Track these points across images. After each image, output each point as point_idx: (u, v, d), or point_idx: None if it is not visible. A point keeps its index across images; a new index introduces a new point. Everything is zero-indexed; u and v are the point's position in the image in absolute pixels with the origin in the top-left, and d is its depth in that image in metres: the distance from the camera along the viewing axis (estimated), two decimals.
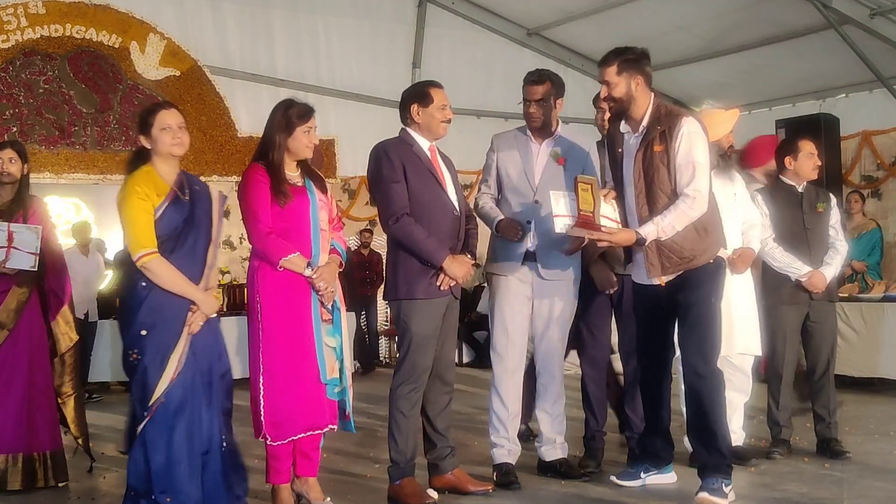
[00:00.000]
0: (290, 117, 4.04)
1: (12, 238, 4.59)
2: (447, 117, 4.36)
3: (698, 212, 4.01)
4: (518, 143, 4.66)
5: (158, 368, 3.64)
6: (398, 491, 4.25)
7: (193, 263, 3.77)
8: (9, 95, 10.28)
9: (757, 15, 10.04)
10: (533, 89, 4.61)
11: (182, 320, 3.70)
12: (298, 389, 3.92)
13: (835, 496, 4.20)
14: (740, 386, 4.96)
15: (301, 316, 3.96)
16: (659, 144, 4.02)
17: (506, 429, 4.59)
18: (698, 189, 3.99)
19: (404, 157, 4.28)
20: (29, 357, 4.71)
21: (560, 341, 4.70)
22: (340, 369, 4.06)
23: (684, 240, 4.04)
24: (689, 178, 3.99)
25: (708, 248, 4.10)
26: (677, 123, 4.01)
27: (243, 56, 11.37)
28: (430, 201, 4.27)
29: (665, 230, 4.01)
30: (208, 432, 3.76)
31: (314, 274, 3.94)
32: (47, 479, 4.72)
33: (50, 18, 10.44)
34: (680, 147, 4.01)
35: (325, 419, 4.00)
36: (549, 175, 4.58)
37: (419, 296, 4.23)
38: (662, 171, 4.03)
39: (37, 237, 4.65)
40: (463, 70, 11.60)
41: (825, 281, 5.05)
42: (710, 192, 4.07)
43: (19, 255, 4.61)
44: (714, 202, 4.16)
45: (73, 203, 10.57)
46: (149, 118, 3.80)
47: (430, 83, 4.42)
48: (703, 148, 4.06)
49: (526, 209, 4.56)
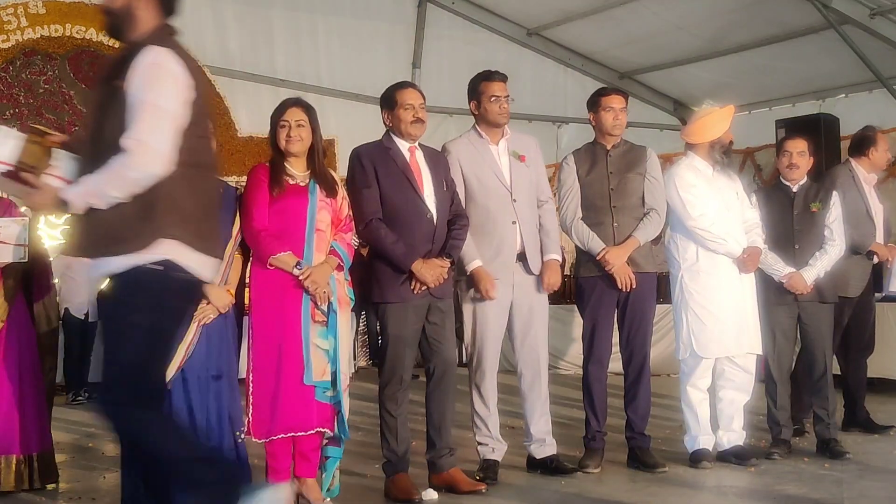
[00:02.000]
0: (272, 114, 4.13)
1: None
2: (415, 117, 4.35)
3: (139, 172, 2.81)
4: (477, 146, 4.67)
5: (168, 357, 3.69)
6: (390, 486, 4.33)
7: None
8: (9, 95, 10.28)
9: (757, 15, 10.04)
10: (504, 86, 4.69)
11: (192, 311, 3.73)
12: (282, 389, 3.93)
13: (835, 496, 4.20)
14: (742, 385, 4.95)
15: (289, 315, 3.98)
16: (120, 79, 2.89)
17: (487, 427, 4.62)
18: (142, 140, 2.79)
19: (378, 161, 4.33)
20: (18, 357, 4.69)
21: (543, 340, 4.73)
22: (335, 372, 4.05)
23: (113, 215, 2.85)
24: (132, 123, 2.83)
25: (142, 233, 2.83)
26: (139, 52, 2.90)
27: (243, 56, 11.36)
28: (403, 205, 4.30)
29: (89, 195, 2.85)
30: (217, 426, 3.81)
31: (302, 274, 3.95)
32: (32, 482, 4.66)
33: (50, 18, 10.44)
34: (132, 82, 2.86)
35: (313, 421, 3.99)
36: (517, 173, 4.65)
37: (391, 299, 4.29)
38: (115, 115, 2.86)
39: (24, 228, 4.64)
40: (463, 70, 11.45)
41: (805, 282, 5.03)
42: (169, 152, 2.83)
43: (6, 248, 4.61)
44: (186, 173, 2.92)
45: None
46: None
47: (397, 85, 4.46)
48: (165, 87, 2.86)
49: (509, 210, 4.59)
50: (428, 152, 4.48)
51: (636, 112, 10.09)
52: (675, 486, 4.49)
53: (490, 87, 4.67)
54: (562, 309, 7.67)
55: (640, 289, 4.78)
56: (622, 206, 4.82)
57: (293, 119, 4.09)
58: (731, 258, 4.87)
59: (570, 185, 4.85)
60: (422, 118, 4.37)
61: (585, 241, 4.78)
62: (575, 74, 12.25)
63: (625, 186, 4.84)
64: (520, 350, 4.72)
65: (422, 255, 4.27)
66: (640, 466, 4.77)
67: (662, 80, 12.25)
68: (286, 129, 4.08)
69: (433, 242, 4.33)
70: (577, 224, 4.81)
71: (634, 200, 4.85)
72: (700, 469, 4.76)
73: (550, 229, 4.73)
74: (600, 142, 4.94)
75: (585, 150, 4.97)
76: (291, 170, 4.10)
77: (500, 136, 4.70)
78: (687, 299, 4.90)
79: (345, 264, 4.17)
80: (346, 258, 4.17)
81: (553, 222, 4.76)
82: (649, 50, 11.48)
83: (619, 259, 4.71)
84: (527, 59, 12.01)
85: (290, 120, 4.09)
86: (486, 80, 4.71)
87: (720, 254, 4.86)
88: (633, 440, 4.85)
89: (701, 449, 4.86)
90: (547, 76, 12.18)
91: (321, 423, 4.03)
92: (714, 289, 4.86)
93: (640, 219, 4.82)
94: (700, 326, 4.85)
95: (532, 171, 4.72)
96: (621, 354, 4.92)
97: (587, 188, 4.84)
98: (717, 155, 4.95)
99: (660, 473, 4.68)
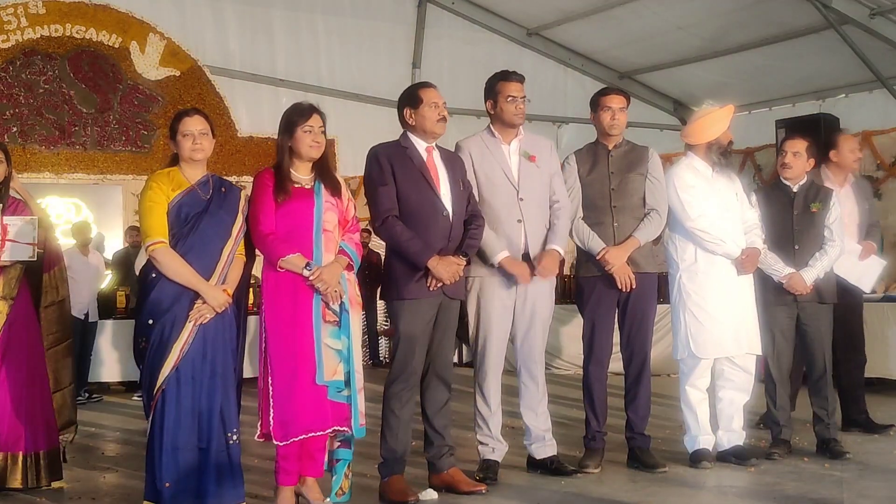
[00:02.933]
0: (290, 118, 4.09)
1: (6, 231, 4.60)
2: (440, 115, 4.39)
3: None
4: (489, 145, 4.69)
5: (163, 356, 3.81)
6: (385, 487, 4.32)
7: (204, 257, 3.91)
8: (9, 95, 10.29)
9: (757, 15, 10.05)
10: (521, 87, 4.69)
11: (187, 311, 3.84)
12: (298, 390, 3.93)
13: (835, 496, 4.20)
14: (742, 385, 4.95)
15: (301, 316, 3.98)
16: None
17: (488, 427, 4.62)
18: None
19: (395, 160, 4.34)
20: (28, 353, 4.69)
21: (541, 340, 4.73)
22: (349, 372, 4.06)
23: None
24: None
25: None
26: None
27: (243, 56, 11.38)
28: (419, 203, 4.31)
29: None
30: (207, 425, 3.85)
31: (312, 275, 3.96)
32: (39, 479, 4.68)
33: (50, 18, 10.46)
34: None
35: (328, 421, 4.00)
36: (526, 172, 4.65)
37: (406, 296, 4.30)
38: None
39: (34, 228, 4.66)
40: (463, 70, 11.60)
41: (804, 283, 5.02)
42: None
43: (16, 246, 4.62)
44: None
45: (73, 203, 10.58)
46: (175, 123, 4.05)
47: (420, 84, 4.49)
48: None
49: (514, 208, 4.60)
50: (445, 153, 4.49)
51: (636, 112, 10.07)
52: (675, 486, 4.49)
53: (507, 87, 4.67)
54: (562, 309, 7.67)
55: (640, 289, 4.78)
56: (623, 206, 4.82)
57: (317, 125, 4.09)
58: (729, 259, 4.87)
59: (570, 184, 4.85)
60: (445, 117, 4.41)
61: (585, 240, 4.78)
62: (575, 74, 12.28)
63: (626, 186, 4.84)
64: (519, 349, 4.73)
65: (438, 252, 4.27)
66: (640, 466, 4.77)
67: (662, 80, 12.27)
68: (311, 135, 4.07)
69: (449, 240, 4.33)
70: (578, 223, 4.81)
71: (635, 200, 4.85)
72: (700, 469, 4.76)
73: (558, 227, 4.68)
74: (602, 142, 4.94)
75: (587, 149, 4.98)
76: (297, 174, 4.11)
77: (513, 136, 4.71)
78: (685, 300, 4.90)
79: (354, 264, 4.17)
80: (355, 258, 4.17)
81: (563, 222, 4.71)
82: (649, 50, 11.49)
83: (618, 259, 4.72)
84: (527, 59, 12.03)
85: (314, 126, 4.08)
86: (504, 79, 4.71)
87: (718, 255, 4.86)
88: (634, 440, 4.85)
89: (701, 449, 4.86)
90: (547, 76, 12.20)
91: (337, 423, 4.03)
92: (712, 289, 4.86)
93: (641, 219, 4.82)
94: (698, 327, 4.85)
95: (544, 171, 4.69)
96: (622, 354, 4.91)
97: (588, 188, 4.84)
98: (714, 156, 4.95)
99: (660, 473, 4.67)
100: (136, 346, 3.93)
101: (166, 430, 3.80)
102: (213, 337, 3.90)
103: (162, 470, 3.79)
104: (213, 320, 3.90)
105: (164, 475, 3.78)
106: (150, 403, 3.83)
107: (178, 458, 3.80)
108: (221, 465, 3.85)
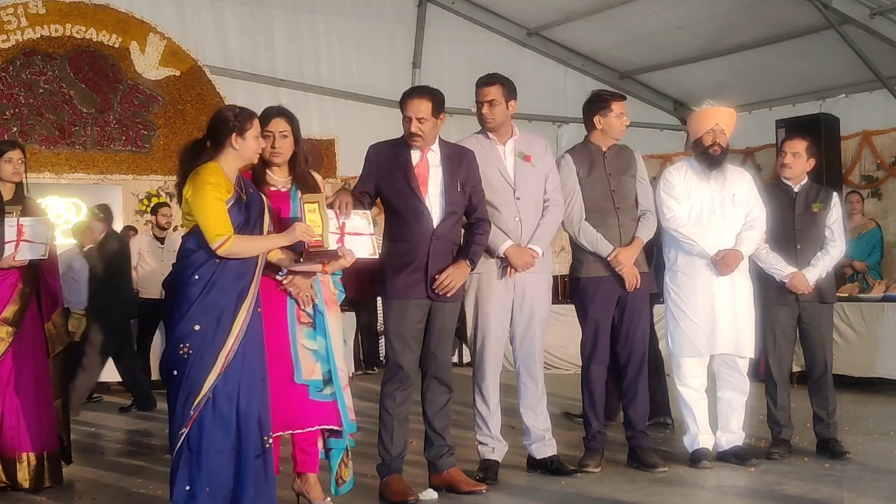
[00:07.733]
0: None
1: (22, 231, 4.65)
2: (411, 129, 4.35)
3: None
4: (484, 146, 4.71)
5: (209, 364, 3.66)
6: (384, 488, 4.33)
7: (246, 262, 3.78)
8: (9, 95, 10.28)
9: (757, 15, 10.04)
10: (484, 91, 4.71)
11: (233, 318, 3.71)
12: (274, 389, 3.91)
13: (835, 496, 4.20)
14: (738, 386, 4.96)
15: (276, 318, 3.98)
16: None
17: (488, 426, 4.64)
18: None
19: (383, 157, 4.43)
20: (33, 358, 4.73)
21: (540, 340, 4.75)
22: (330, 371, 4.05)
23: None
24: None
25: None
26: None
27: (243, 56, 11.37)
28: (399, 201, 4.37)
29: None
30: (246, 427, 3.74)
31: (284, 279, 3.97)
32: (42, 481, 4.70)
33: (50, 18, 10.45)
34: None
35: (309, 419, 4.00)
36: (522, 172, 4.68)
37: (392, 296, 4.35)
38: None
39: (47, 228, 4.75)
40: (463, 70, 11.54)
41: (807, 282, 5.02)
42: None
43: (30, 246, 4.66)
44: None
45: (73, 203, 10.56)
46: (249, 121, 3.83)
47: (405, 93, 4.47)
48: None
49: (511, 207, 4.62)
50: (448, 152, 4.49)
51: (636, 112, 10.10)
52: (675, 486, 4.49)
53: (478, 93, 4.75)
54: (562, 308, 7.67)
55: (638, 288, 4.82)
56: (623, 207, 4.86)
57: (277, 130, 4.04)
58: (702, 259, 4.87)
59: (571, 185, 4.86)
60: (420, 132, 4.33)
61: (594, 242, 4.79)
62: (575, 74, 12.26)
63: (622, 188, 4.89)
64: (518, 348, 4.73)
65: (420, 250, 4.29)
66: (640, 466, 4.77)
67: (662, 80, 12.26)
68: (270, 141, 4.03)
69: (432, 239, 4.33)
70: (584, 226, 4.82)
71: (631, 202, 4.91)
72: (700, 469, 4.76)
73: (546, 225, 4.70)
74: (595, 143, 4.94)
75: (580, 150, 4.98)
76: (273, 177, 4.10)
77: (507, 137, 4.74)
78: (667, 298, 5.00)
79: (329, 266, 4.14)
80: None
81: (552, 220, 4.73)
82: (649, 50, 11.49)
83: (629, 260, 4.77)
84: (527, 59, 12.02)
85: (273, 131, 4.04)
86: (477, 86, 4.76)
87: (693, 255, 4.88)
88: (634, 439, 4.85)
89: (701, 449, 4.86)
90: (547, 76, 12.19)
91: (322, 421, 4.03)
92: (690, 289, 4.88)
93: (637, 220, 4.88)
94: (674, 325, 4.93)
95: (539, 171, 4.73)
96: (620, 353, 4.92)
97: (589, 190, 4.85)
98: (697, 156, 4.97)
99: (660, 473, 4.68)
100: (174, 352, 3.69)
101: (206, 433, 3.66)
102: (252, 344, 3.79)
103: (201, 473, 3.65)
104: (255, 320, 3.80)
105: (202, 479, 3.65)
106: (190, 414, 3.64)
107: (216, 462, 3.67)
108: (257, 471, 3.77)
